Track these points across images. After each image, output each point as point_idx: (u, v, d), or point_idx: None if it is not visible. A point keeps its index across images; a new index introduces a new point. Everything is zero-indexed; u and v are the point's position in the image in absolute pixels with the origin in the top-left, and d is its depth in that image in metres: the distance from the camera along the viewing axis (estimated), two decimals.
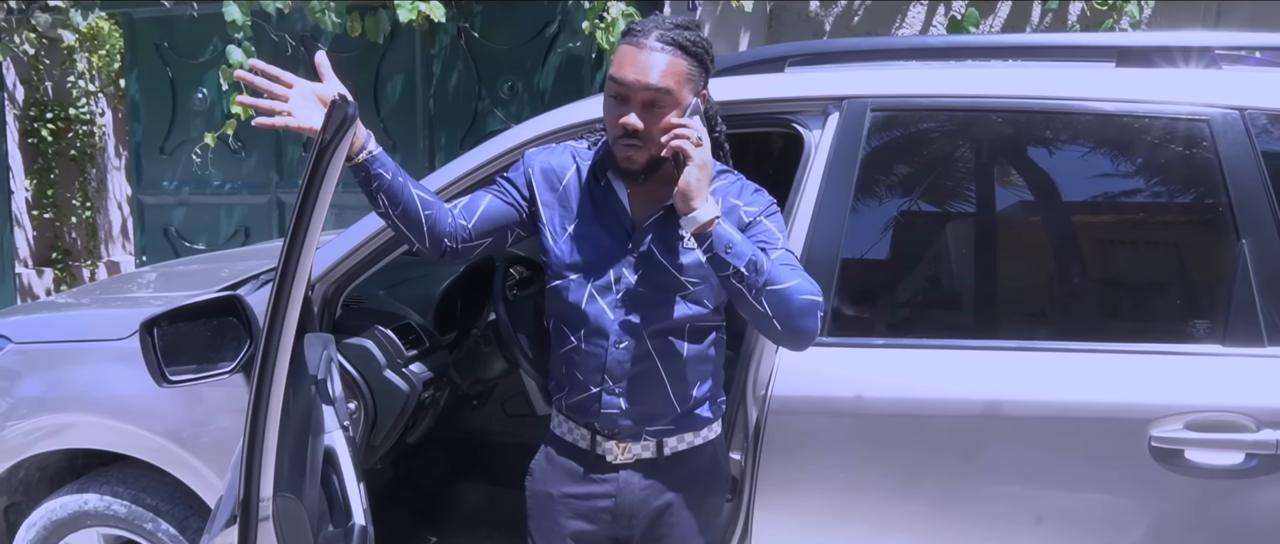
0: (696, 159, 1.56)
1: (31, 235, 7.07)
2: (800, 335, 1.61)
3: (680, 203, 1.56)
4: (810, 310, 1.58)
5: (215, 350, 1.95)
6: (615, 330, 1.70)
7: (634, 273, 1.70)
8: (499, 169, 1.96)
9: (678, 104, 1.62)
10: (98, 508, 2.39)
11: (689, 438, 1.76)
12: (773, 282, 1.56)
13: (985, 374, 1.85)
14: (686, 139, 1.57)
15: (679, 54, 1.61)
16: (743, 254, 1.55)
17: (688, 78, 1.63)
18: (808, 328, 1.60)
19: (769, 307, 1.57)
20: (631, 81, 1.60)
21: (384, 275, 2.28)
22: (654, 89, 1.60)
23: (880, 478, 1.88)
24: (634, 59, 1.61)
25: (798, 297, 1.57)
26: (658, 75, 1.60)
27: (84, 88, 7.11)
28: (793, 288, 1.57)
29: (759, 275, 1.55)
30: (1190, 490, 1.76)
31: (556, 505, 1.79)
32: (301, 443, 1.63)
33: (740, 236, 1.57)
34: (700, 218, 1.55)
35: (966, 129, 2.03)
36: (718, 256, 1.56)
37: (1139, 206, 2.01)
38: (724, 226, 1.56)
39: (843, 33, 4.20)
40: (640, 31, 1.63)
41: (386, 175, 1.64)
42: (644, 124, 1.62)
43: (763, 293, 1.56)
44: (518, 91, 4.88)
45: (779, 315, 1.57)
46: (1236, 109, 1.86)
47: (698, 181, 1.55)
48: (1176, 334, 1.85)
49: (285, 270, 1.44)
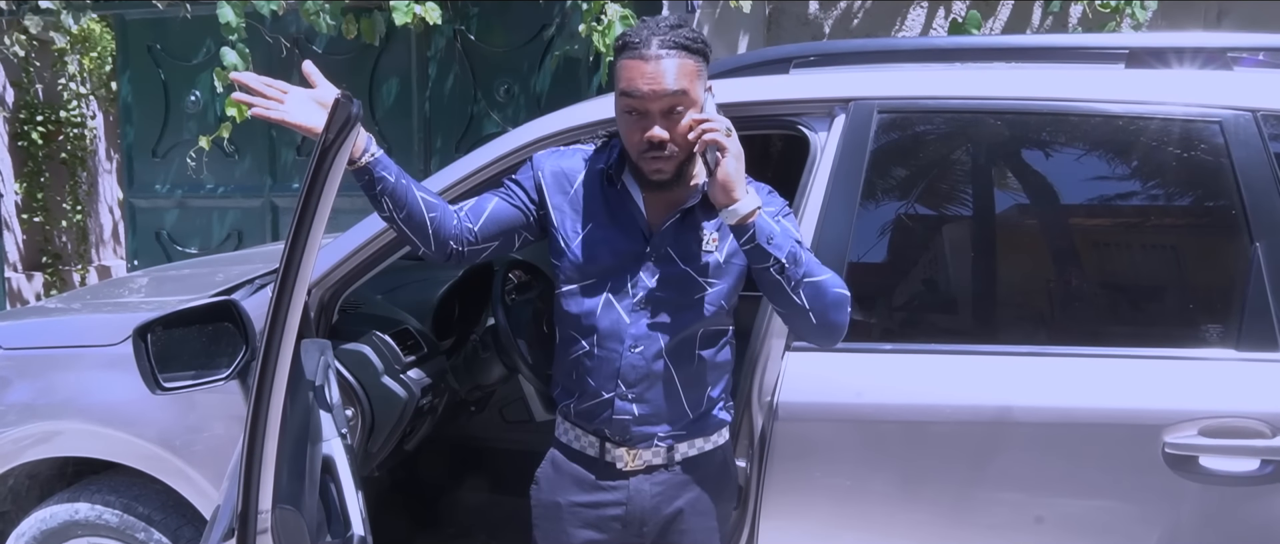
0: (732, 149, 1.55)
1: (21, 239, 7.01)
2: (834, 330, 1.62)
3: (721, 195, 1.54)
4: (843, 304, 1.60)
5: (210, 356, 1.92)
6: (630, 335, 1.67)
7: (652, 277, 1.68)
8: (505, 170, 1.93)
9: (695, 103, 1.61)
10: (89, 517, 2.34)
11: (699, 443, 1.74)
12: (811, 274, 1.57)
13: (995, 380, 1.82)
14: (717, 130, 1.55)
15: (684, 54, 1.59)
16: (783, 245, 1.55)
17: (697, 74, 1.61)
18: (841, 321, 1.61)
19: (807, 299, 1.57)
20: (647, 92, 1.58)
21: (381, 280, 2.25)
22: (671, 94, 1.58)
23: (889, 485, 1.85)
24: (642, 71, 1.58)
25: (832, 289, 1.58)
26: (672, 80, 1.57)
27: (75, 90, 7.06)
28: (828, 281, 1.58)
29: (799, 267, 1.56)
30: (1204, 498, 1.73)
31: (564, 514, 1.76)
32: (299, 452, 1.60)
33: (779, 228, 1.57)
34: (742, 209, 1.54)
35: (975, 131, 2.01)
36: (759, 248, 1.55)
37: (1151, 209, 1.99)
38: (764, 217, 1.56)
39: (842, 35, 4.18)
40: (639, 43, 1.59)
41: (390, 178, 1.62)
42: (670, 129, 1.60)
43: (801, 285, 1.56)
44: (514, 94, 4.85)
45: (815, 309, 1.58)
46: (1249, 110, 1.83)
47: (737, 171, 1.55)
48: (1190, 339, 1.83)
49: (286, 275, 1.40)
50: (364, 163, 1.60)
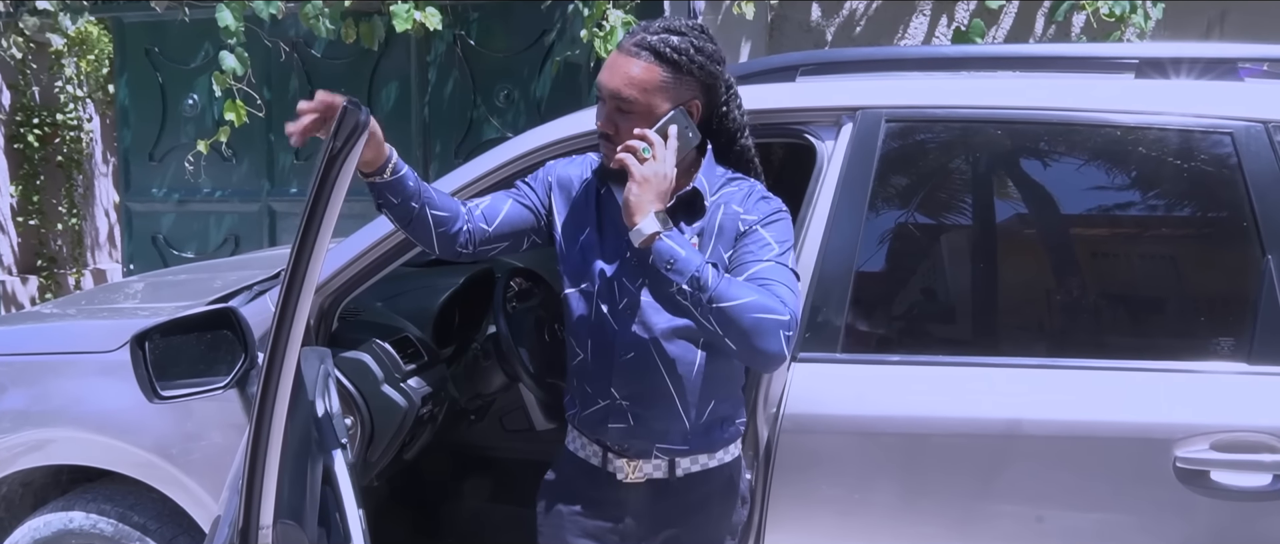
0: (635, 175, 1.53)
1: (16, 242, 6.96)
2: (758, 356, 1.51)
3: (624, 216, 1.54)
4: (768, 330, 1.48)
5: (208, 364, 1.89)
6: (621, 342, 1.65)
7: (634, 282, 1.65)
8: (512, 176, 1.91)
9: (649, 112, 1.58)
10: (84, 526, 2.32)
11: (703, 459, 1.70)
12: (720, 298, 1.48)
13: (1004, 392, 1.81)
14: (633, 151, 1.54)
15: (652, 61, 1.57)
16: (685, 270, 1.49)
17: (661, 86, 1.58)
18: (765, 349, 1.49)
19: (717, 325, 1.49)
20: (603, 85, 1.60)
21: (381, 287, 2.22)
22: (619, 97, 1.58)
23: (896, 499, 1.83)
24: (612, 63, 1.60)
25: (749, 314, 1.47)
26: (622, 82, 1.58)
27: (72, 93, 7.02)
28: (746, 305, 1.48)
29: (702, 292, 1.48)
30: (1216, 512, 1.71)
31: (565, 522, 1.74)
32: (300, 463, 1.57)
33: (687, 253, 1.50)
34: (643, 231, 1.51)
35: (984, 141, 1.99)
36: (661, 273, 1.51)
37: (1162, 221, 1.97)
38: (667, 241, 1.50)
39: (845, 42, 4.17)
40: (630, 33, 1.62)
41: (411, 185, 1.61)
42: (615, 128, 1.60)
43: (709, 311, 1.49)
44: (514, 100, 4.83)
45: (731, 335, 1.49)
46: (1260, 122, 1.82)
47: (637, 197, 1.52)
48: (1201, 352, 1.81)
49: (291, 284, 1.37)
50: (397, 175, 1.58)
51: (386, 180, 1.58)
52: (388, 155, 1.57)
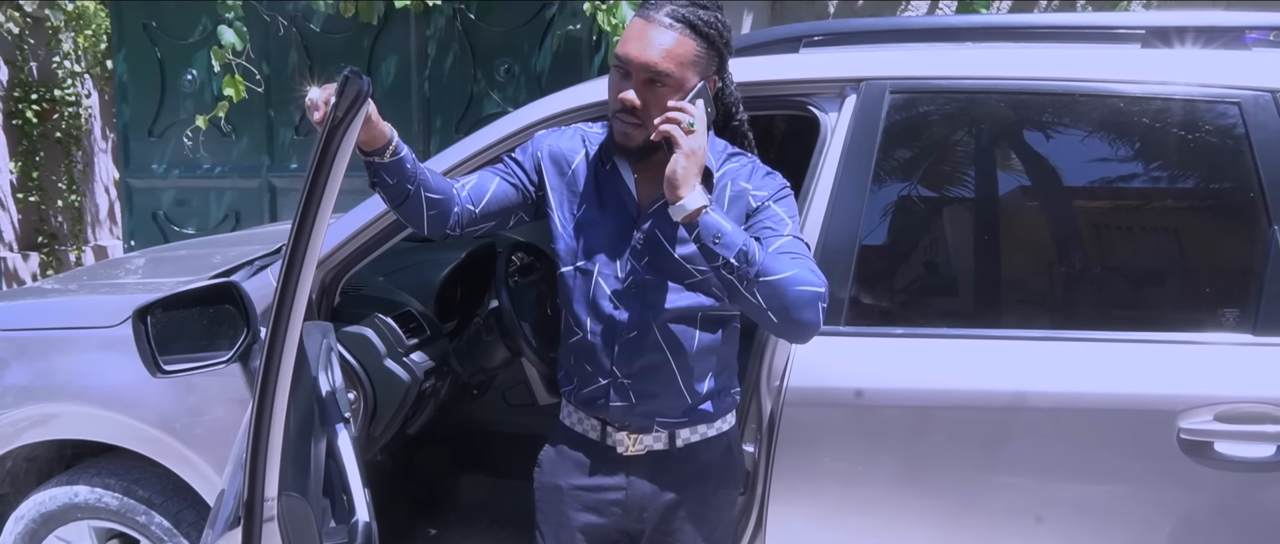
0: (684, 147, 1.49)
1: (16, 219, 6.96)
2: (797, 328, 1.51)
3: (667, 191, 1.50)
4: (808, 302, 1.48)
5: (210, 339, 1.88)
6: (623, 320, 1.64)
7: (639, 260, 1.64)
8: (508, 149, 1.89)
9: (681, 86, 1.56)
10: (88, 500, 2.32)
11: (702, 429, 1.71)
12: (766, 272, 1.47)
13: (1007, 364, 1.80)
14: (678, 124, 1.50)
15: (688, 33, 1.55)
16: (732, 244, 1.48)
17: (694, 60, 1.56)
18: (805, 320, 1.49)
19: (762, 298, 1.48)
20: (633, 57, 1.55)
21: (383, 262, 2.22)
22: (654, 69, 1.54)
23: (899, 471, 1.83)
24: (641, 34, 1.55)
25: (793, 288, 1.47)
26: (659, 54, 1.54)
27: (70, 68, 6.98)
28: (789, 278, 1.48)
29: (750, 266, 1.47)
30: (1220, 484, 1.71)
31: (565, 498, 1.74)
32: (303, 437, 1.57)
33: (731, 226, 1.49)
34: (687, 206, 1.48)
35: (988, 112, 1.98)
36: (706, 247, 1.49)
37: (1168, 191, 1.95)
38: (713, 215, 1.49)
39: (848, 13, 4.13)
40: (653, 5, 1.57)
41: (409, 167, 1.58)
42: (643, 102, 1.56)
43: (755, 284, 1.48)
44: (514, 74, 4.79)
45: (774, 308, 1.49)
46: (1268, 90, 1.80)
47: (685, 170, 1.48)
48: (1206, 323, 1.81)
49: (293, 257, 1.36)
50: (389, 160, 1.54)
51: (386, 161, 1.55)
52: (389, 136, 1.55)
